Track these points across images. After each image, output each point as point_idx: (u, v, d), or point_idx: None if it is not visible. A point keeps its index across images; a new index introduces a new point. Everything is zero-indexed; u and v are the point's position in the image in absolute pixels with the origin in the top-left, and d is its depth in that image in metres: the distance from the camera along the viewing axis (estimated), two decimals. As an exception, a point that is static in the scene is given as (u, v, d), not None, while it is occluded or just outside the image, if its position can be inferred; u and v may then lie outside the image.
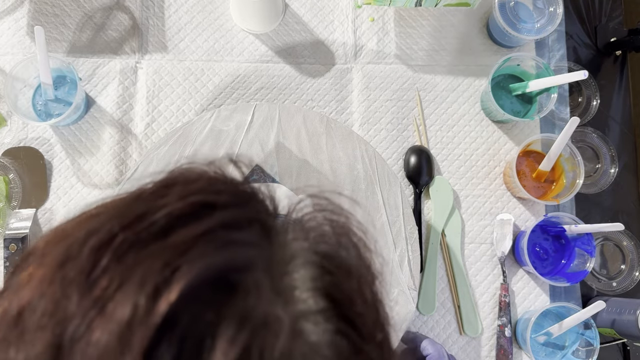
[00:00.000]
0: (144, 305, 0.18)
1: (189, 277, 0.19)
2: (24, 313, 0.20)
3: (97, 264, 0.20)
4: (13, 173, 0.72)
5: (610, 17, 0.83)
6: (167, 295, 0.18)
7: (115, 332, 0.18)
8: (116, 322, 0.18)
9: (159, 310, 0.18)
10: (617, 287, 0.76)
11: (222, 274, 0.20)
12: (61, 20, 0.77)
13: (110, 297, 0.19)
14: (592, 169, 0.78)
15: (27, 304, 0.20)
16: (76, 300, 0.19)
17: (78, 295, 0.19)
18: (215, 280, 0.20)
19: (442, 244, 0.74)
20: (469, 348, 0.72)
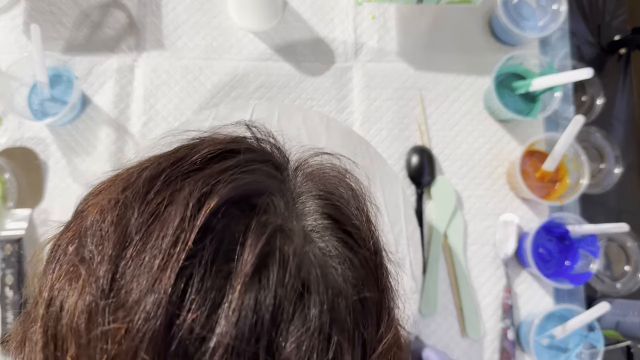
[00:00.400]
0: (190, 212, 0.24)
1: (222, 193, 0.25)
2: (94, 226, 0.26)
3: (151, 189, 0.26)
4: (8, 173, 0.71)
5: (614, 15, 0.82)
6: (208, 205, 0.25)
7: (170, 233, 0.24)
8: (170, 225, 0.24)
9: (202, 215, 0.24)
10: (622, 288, 0.75)
11: (246, 195, 0.26)
12: (58, 18, 0.76)
13: (164, 209, 0.25)
14: (596, 169, 0.77)
15: (96, 221, 0.26)
16: (136, 213, 0.25)
17: (138, 209, 0.25)
18: (241, 200, 0.26)
19: (444, 245, 0.73)
20: (472, 351, 0.71)
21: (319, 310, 0.24)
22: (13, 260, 0.68)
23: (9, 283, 0.67)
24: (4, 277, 0.67)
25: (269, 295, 0.23)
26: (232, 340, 0.22)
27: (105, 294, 0.23)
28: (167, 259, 0.23)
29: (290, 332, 0.23)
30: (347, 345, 0.25)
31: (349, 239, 0.28)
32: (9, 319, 0.67)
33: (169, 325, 0.22)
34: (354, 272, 0.26)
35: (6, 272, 0.67)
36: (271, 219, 0.26)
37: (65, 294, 0.25)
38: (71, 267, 0.25)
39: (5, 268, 0.67)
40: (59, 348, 0.24)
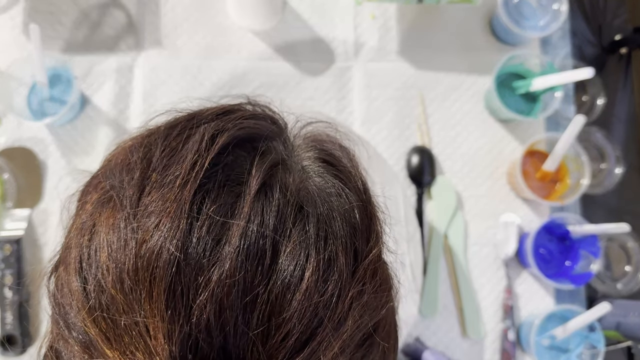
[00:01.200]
0: (204, 144, 0.29)
1: (231, 132, 0.30)
2: (122, 162, 0.30)
3: (170, 134, 0.31)
4: (8, 173, 0.71)
5: (615, 15, 0.82)
6: (219, 139, 0.29)
7: (188, 159, 0.28)
8: (188, 154, 0.28)
9: (215, 146, 0.29)
10: (622, 289, 0.74)
11: (251, 137, 0.31)
12: (57, 18, 0.75)
13: (182, 146, 0.29)
14: (596, 169, 0.77)
15: (123, 158, 0.30)
16: (159, 149, 0.29)
17: (160, 147, 0.30)
18: (246, 143, 0.30)
19: (445, 246, 0.73)
20: (472, 352, 0.70)
21: (317, 220, 0.28)
22: (12, 260, 0.68)
23: (9, 283, 0.67)
24: (3, 277, 0.67)
25: (273, 206, 0.27)
26: (242, 240, 0.26)
27: (133, 207, 0.27)
28: (187, 178, 0.27)
29: (292, 235, 0.27)
30: (342, 249, 0.28)
31: (341, 174, 0.32)
32: (8, 319, 0.66)
33: (190, 228, 0.26)
34: (347, 199, 0.31)
35: (5, 272, 0.67)
36: (272, 156, 0.30)
37: (97, 215, 0.29)
38: (103, 194, 0.29)
39: (5, 268, 0.67)
40: (92, 257, 0.27)
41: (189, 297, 0.25)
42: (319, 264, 0.27)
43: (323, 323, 0.27)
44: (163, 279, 0.25)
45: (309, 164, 0.32)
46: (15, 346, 0.66)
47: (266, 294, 0.26)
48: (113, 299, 0.26)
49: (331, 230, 0.29)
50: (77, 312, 0.27)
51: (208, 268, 0.25)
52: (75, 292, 0.28)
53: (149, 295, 0.25)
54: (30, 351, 0.68)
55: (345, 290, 0.28)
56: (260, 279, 0.26)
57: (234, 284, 0.25)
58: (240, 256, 0.26)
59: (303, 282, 0.26)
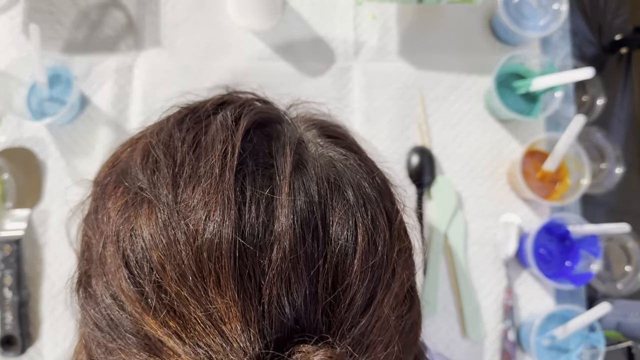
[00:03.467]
0: (229, 131, 0.30)
1: (250, 116, 0.31)
2: (143, 162, 0.30)
3: (181, 129, 0.31)
4: (7, 173, 0.71)
5: (615, 15, 0.82)
6: (242, 124, 0.30)
7: (218, 148, 0.28)
8: (216, 141, 0.29)
9: (239, 130, 0.30)
10: (622, 289, 0.74)
11: (264, 122, 0.32)
12: (56, 18, 0.75)
13: (205, 136, 0.30)
14: (596, 169, 0.77)
15: (142, 158, 0.30)
16: (179, 144, 0.30)
17: (179, 141, 0.30)
18: (258, 128, 0.31)
19: (445, 246, 0.73)
20: (472, 352, 0.70)
21: (352, 189, 0.29)
22: (12, 260, 0.67)
23: (8, 284, 0.67)
24: (3, 277, 0.67)
25: (312, 181, 0.28)
26: (293, 215, 0.27)
27: (173, 205, 0.27)
28: (223, 166, 0.28)
29: (336, 206, 0.28)
30: (379, 212, 0.30)
31: (351, 145, 0.33)
32: (8, 319, 0.66)
33: (240, 214, 0.26)
34: (365, 166, 0.32)
35: (5, 272, 0.67)
36: (290, 137, 0.31)
37: (132, 219, 0.28)
38: (131, 197, 0.29)
39: (4, 269, 0.67)
40: (140, 259, 0.27)
41: (257, 278, 0.26)
42: (366, 228, 0.28)
43: (380, 282, 0.28)
44: (228, 265, 0.25)
45: (318, 140, 0.33)
46: (15, 347, 0.66)
47: (327, 263, 0.27)
48: (178, 295, 0.26)
49: (365, 196, 0.30)
50: (137, 317, 0.27)
51: (268, 247, 0.26)
52: (128, 297, 0.27)
53: (217, 285, 0.25)
54: (30, 352, 0.68)
55: (391, 249, 0.30)
56: (319, 250, 0.27)
57: (298, 260, 0.26)
58: (296, 231, 0.26)
59: (358, 247, 0.28)
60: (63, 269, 0.70)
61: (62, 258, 0.70)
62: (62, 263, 0.70)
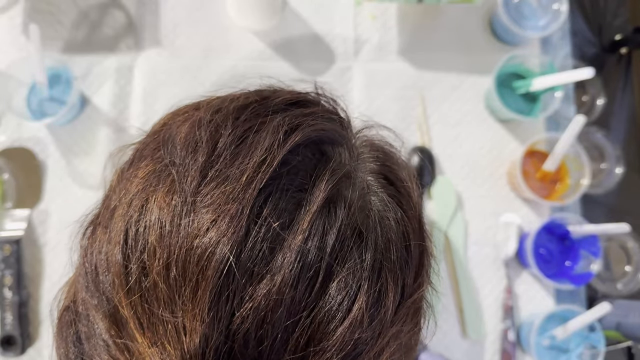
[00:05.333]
0: (278, 141, 0.27)
1: (306, 131, 0.28)
2: (188, 137, 0.28)
3: (240, 115, 0.29)
4: (7, 173, 0.71)
5: (615, 15, 0.82)
6: (294, 137, 0.28)
7: (258, 154, 0.27)
8: (258, 147, 0.27)
9: (288, 144, 0.27)
10: (622, 289, 0.74)
11: (320, 140, 0.30)
12: (56, 18, 0.75)
13: (252, 135, 0.28)
14: (597, 169, 0.77)
15: (189, 133, 0.28)
16: (227, 133, 0.28)
17: (229, 130, 0.28)
18: (313, 145, 0.29)
19: (445, 246, 0.73)
20: (472, 352, 0.70)
21: (374, 249, 0.27)
22: (12, 260, 0.67)
23: (8, 284, 0.67)
24: (3, 277, 0.67)
25: (335, 226, 0.26)
26: (298, 255, 0.25)
27: (192, 193, 0.26)
28: (253, 176, 0.26)
29: (348, 261, 0.26)
30: (392, 284, 0.27)
31: (401, 197, 0.31)
32: (8, 319, 0.66)
33: (247, 231, 0.25)
34: (403, 226, 0.29)
35: (5, 272, 0.67)
36: (339, 166, 0.29)
37: (151, 189, 0.27)
38: (161, 167, 0.28)
39: (4, 269, 0.67)
40: (140, 233, 0.26)
41: (233, 304, 0.24)
42: (369, 299, 0.26)
43: (359, 358, 0.26)
44: (211, 280, 0.24)
45: (371, 179, 0.30)
46: (15, 347, 0.66)
47: (310, 318, 0.25)
48: (155, 286, 0.25)
49: (386, 262, 0.27)
50: (113, 288, 0.26)
51: (258, 278, 0.25)
52: (115, 265, 0.26)
53: (194, 292, 0.24)
54: (30, 352, 0.68)
55: (386, 328, 0.27)
56: (307, 302, 0.25)
57: (281, 302, 0.24)
58: (293, 273, 0.24)
59: (350, 315, 0.25)
60: (63, 269, 0.70)
61: (62, 258, 0.70)
62: (62, 263, 0.70)
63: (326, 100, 0.34)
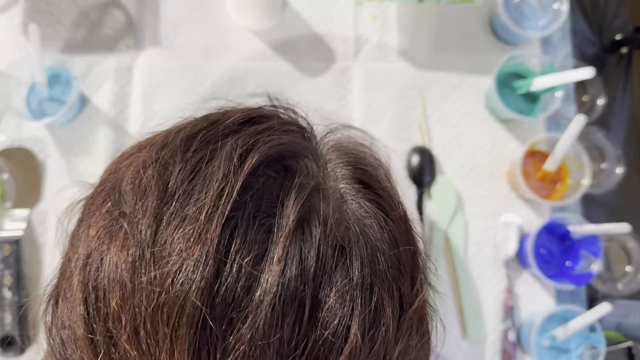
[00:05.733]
0: (233, 167, 0.25)
1: (262, 151, 0.26)
2: (134, 182, 0.26)
3: (189, 147, 0.27)
4: (7, 173, 0.71)
5: (615, 15, 0.82)
6: (250, 160, 0.25)
7: (214, 186, 0.24)
8: (213, 178, 0.25)
9: (245, 169, 0.25)
10: (623, 289, 0.74)
11: (282, 156, 0.27)
12: (56, 18, 0.75)
13: (205, 165, 0.25)
14: (597, 169, 0.77)
15: (135, 177, 0.26)
16: (177, 169, 0.25)
17: (178, 165, 0.25)
18: (275, 162, 0.27)
19: (445, 246, 0.73)
20: (473, 352, 0.70)
21: (360, 262, 0.25)
22: (11, 261, 0.67)
23: (8, 284, 0.67)
24: (2, 277, 0.67)
25: (313, 247, 0.24)
26: (277, 289, 0.23)
27: (149, 244, 0.23)
28: (212, 210, 0.24)
29: (334, 283, 0.24)
30: (388, 297, 0.25)
31: (381, 200, 0.28)
32: (7, 319, 0.66)
33: (217, 274, 0.23)
34: (388, 231, 0.27)
35: (4, 273, 0.67)
36: (307, 180, 0.27)
37: (105, 247, 0.25)
38: (111, 221, 0.26)
39: (4, 269, 0.67)
40: (100, 299, 0.24)
41: (216, 357, 0.22)
42: (364, 319, 0.24)
43: None
44: (186, 337, 0.22)
45: (344, 186, 0.28)
46: (14, 347, 0.66)
47: (304, 357, 0.23)
48: (127, 355, 0.23)
49: (376, 274, 0.25)
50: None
51: (238, 324, 0.22)
52: (80, 339, 0.24)
53: (170, 355, 0.22)
54: (29, 352, 0.68)
55: (392, 347, 0.25)
56: (298, 340, 0.23)
57: (269, 346, 0.22)
58: (275, 311, 0.22)
59: (348, 343, 0.23)
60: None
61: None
62: (62, 263, 0.70)
63: (283, 112, 0.32)
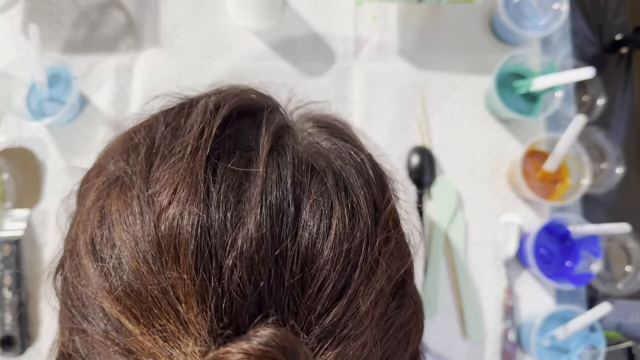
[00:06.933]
0: (209, 114, 0.29)
1: (233, 102, 0.30)
2: (124, 144, 0.30)
3: (169, 113, 0.31)
4: (7, 173, 0.71)
5: (615, 15, 0.82)
6: (223, 109, 0.29)
7: (195, 129, 0.28)
8: (194, 124, 0.29)
9: (219, 116, 0.29)
10: (623, 289, 0.74)
11: (251, 108, 0.31)
12: (56, 18, 0.75)
13: (185, 120, 0.30)
14: (597, 169, 0.77)
15: (123, 141, 0.31)
16: (162, 127, 0.30)
17: (162, 124, 0.30)
18: (247, 114, 0.30)
19: (445, 246, 0.73)
20: (473, 352, 0.70)
21: (333, 172, 0.28)
22: (11, 261, 0.67)
23: (8, 284, 0.67)
24: (2, 277, 0.67)
25: (288, 162, 0.27)
26: (263, 196, 0.26)
27: (144, 181, 0.27)
28: (197, 145, 0.27)
29: (312, 187, 0.27)
30: (362, 199, 0.28)
31: (347, 138, 0.32)
32: (7, 319, 0.66)
33: (208, 190, 0.26)
34: (356, 155, 0.31)
35: (4, 273, 0.67)
36: (278, 121, 0.30)
37: (105, 196, 0.28)
38: (107, 177, 0.29)
39: (4, 269, 0.67)
40: (108, 242, 0.26)
41: (218, 258, 0.25)
42: (343, 212, 0.27)
43: (356, 270, 0.26)
44: (188, 242, 0.24)
45: (312, 131, 0.32)
46: (14, 347, 0.66)
47: (296, 245, 0.26)
48: (136, 271, 0.25)
49: (349, 182, 0.29)
50: (96, 295, 0.26)
51: (232, 226, 0.25)
52: (92, 276, 0.26)
53: (175, 260, 0.24)
54: (29, 352, 0.68)
55: (373, 237, 0.28)
56: (287, 231, 0.26)
57: (262, 239, 0.25)
58: (263, 211, 0.25)
59: (331, 230, 0.26)
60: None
61: (61, 258, 0.70)
62: (62, 263, 0.70)
63: (242, 86, 0.35)
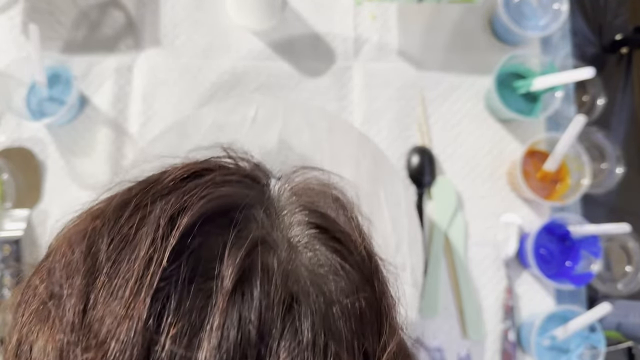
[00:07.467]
0: (161, 232, 0.23)
1: (195, 209, 0.24)
2: (63, 260, 0.24)
3: (121, 215, 0.25)
4: (7, 173, 0.71)
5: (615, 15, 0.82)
6: (180, 222, 0.23)
7: (141, 256, 0.22)
8: (141, 247, 0.23)
9: (175, 233, 0.23)
10: (623, 289, 0.74)
11: (224, 210, 0.25)
12: (56, 18, 0.75)
13: (134, 234, 0.24)
14: (597, 169, 0.77)
15: (65, 254, 0.24)
16: (107, 241, 0.24)
17: (108, 237, 0.24)
18: (218, 216, 0.25)
19: (445, 246, 0.73)
20: (473, 353, 0.70)
21: (311, 321, 0.22)
22: (11, 261, 0.67)
23: (8, 284, 0.67)
24: (2, 278, 0.67)
25: (254, 309, 0.22)
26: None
27: (76, 328, 0.22)
28: (140, 282, 0.22)
29: (281, 347, 0.22)
30: (347, 356, 0.23)
31: (338, 245, 0.26)
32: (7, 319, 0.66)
33: (147, 354, 0.21)
34: (347, 280, 0.25)
35: (4, 273, 0.67)
36: (251, 232, 0.24)
37: (34, 335, 0.23)
38: (40, 305, 0.24)
39: (4, 269, 0.67)
40: None
41: None
42: None
43: None
44: None
45: (297, 233, 0.26)
46: (14, 347, 0.66)
47: None
48: None
49: (331, 331, 0.23)
50: None
51: None
52: None
53: None
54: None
55: None
56: None
57: None
58: None
59: None
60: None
61: (61, 258, 0.70)
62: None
63: (232, 161, 0.29)
